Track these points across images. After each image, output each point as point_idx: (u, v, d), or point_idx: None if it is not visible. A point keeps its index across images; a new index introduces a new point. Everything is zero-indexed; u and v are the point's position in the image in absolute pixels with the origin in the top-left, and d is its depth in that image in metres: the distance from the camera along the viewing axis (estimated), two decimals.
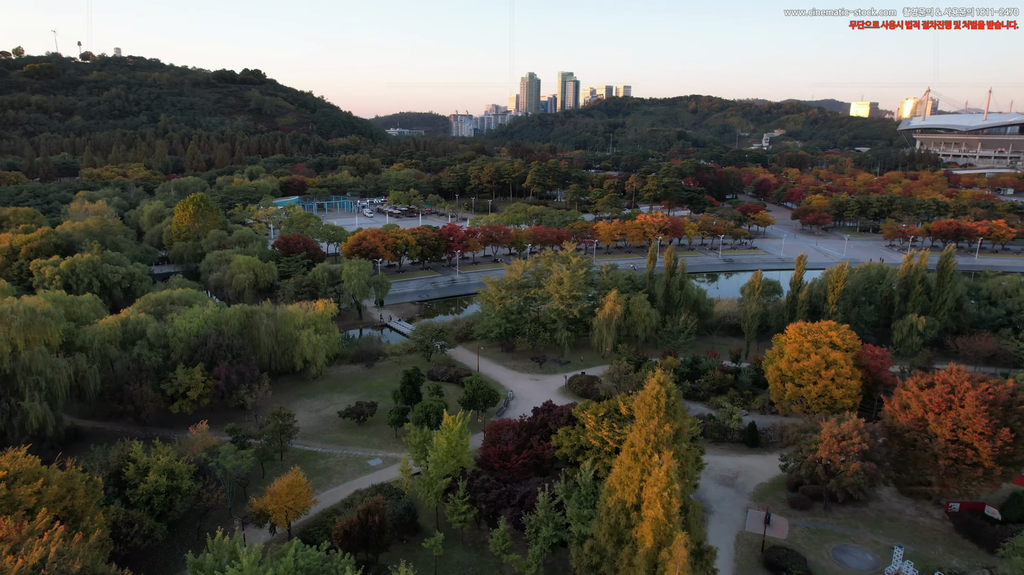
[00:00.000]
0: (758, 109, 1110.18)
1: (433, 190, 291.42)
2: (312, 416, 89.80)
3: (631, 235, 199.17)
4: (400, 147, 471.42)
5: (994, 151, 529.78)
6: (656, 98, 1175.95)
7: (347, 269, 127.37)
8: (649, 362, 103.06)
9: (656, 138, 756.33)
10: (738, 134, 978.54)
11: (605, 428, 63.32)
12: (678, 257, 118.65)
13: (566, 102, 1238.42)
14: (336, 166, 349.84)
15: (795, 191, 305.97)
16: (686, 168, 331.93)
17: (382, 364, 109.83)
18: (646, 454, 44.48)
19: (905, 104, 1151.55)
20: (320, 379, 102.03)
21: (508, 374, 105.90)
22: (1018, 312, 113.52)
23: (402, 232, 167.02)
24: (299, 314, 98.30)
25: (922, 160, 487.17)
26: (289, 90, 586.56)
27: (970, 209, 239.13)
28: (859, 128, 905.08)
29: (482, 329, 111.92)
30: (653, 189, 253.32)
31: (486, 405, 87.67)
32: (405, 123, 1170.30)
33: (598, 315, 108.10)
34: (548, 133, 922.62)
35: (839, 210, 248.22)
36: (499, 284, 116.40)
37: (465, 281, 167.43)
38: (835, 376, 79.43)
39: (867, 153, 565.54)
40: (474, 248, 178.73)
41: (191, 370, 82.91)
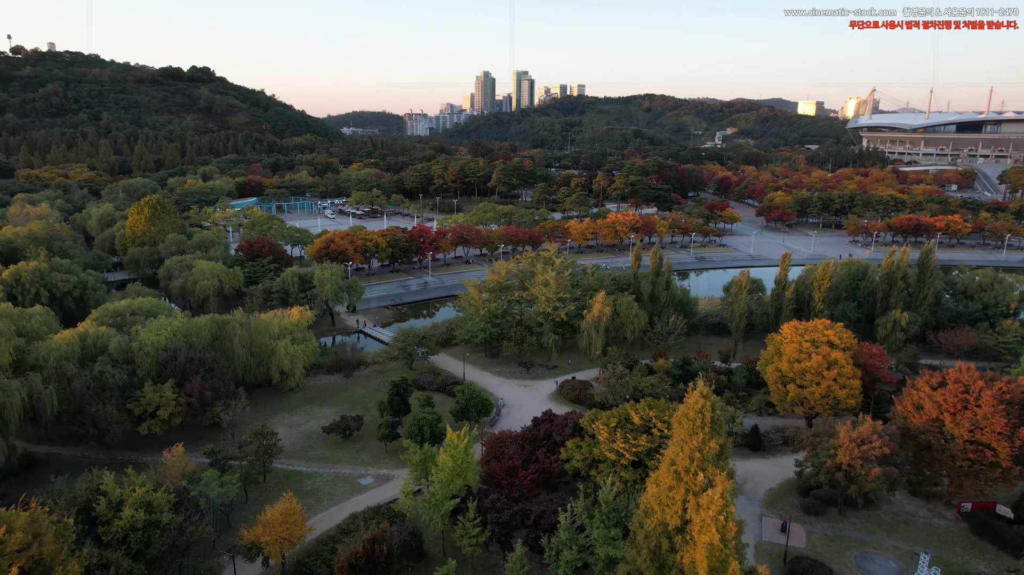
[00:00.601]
0: (710, 108, 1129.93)
1: (396, 190, 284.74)
2: (293, 432, 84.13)
3: (603, 234, 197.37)
4: (357, 146, 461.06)
5: (936, 148, 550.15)
6: (610, 97, 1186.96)
7: (319, 274, 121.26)
8: (640, 364, 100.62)
9: (613, 136, 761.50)
10: (691, 132, 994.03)
11: (620, 440, 60.07)
12: (663, 256, 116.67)
13: (521, 101, 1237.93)
14: (293, 166, 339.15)
15: (757, 188, 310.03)
16: (649, 166, 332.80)
17: (361, 373, 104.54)
18: (690, 473, 41.27)
19: (849, 103, 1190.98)
20: (297, 391, 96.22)
21: (495, 380, 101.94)
22: (993, 306, 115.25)
23: (371, 234, 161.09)
24: (274, 323, 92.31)
25: (871, 157, 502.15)
26: (240, 88, 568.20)
27: (925, 205, 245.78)
28: (808, 126, 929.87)
29: (466, 334, 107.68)
30: (621, 187, 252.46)
31: (479, 415, 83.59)
32: (358, 122, 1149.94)
33: (586, 318, 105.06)
34: (505, 132, 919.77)
35: (802, 207, 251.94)
36: (481, 287, 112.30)
37: (438, 283, 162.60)
38: (837, 376, 78.05)
39: (818, 151, 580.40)
40: (445, 249, 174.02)
41: (160, 387, 76.44)
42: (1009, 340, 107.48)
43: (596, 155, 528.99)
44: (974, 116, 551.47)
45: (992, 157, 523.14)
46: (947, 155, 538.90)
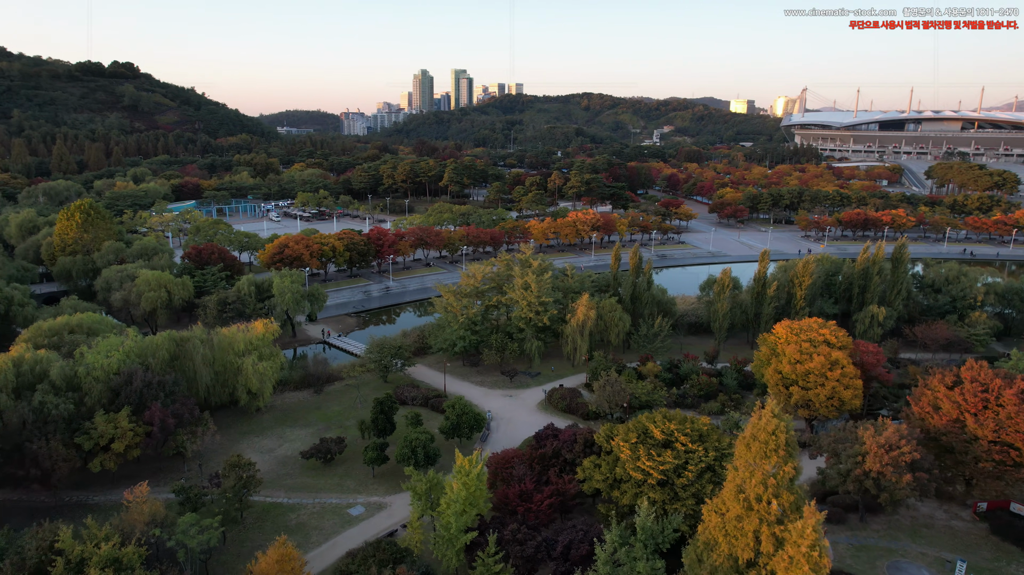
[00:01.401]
0: (647, 106, 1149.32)
1: (343, 191, 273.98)
2: (266, 458, 76.39)
3: (564, 233, 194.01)
4: (297, 146, 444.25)
5: (864, 146, 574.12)
6: (549, 96, 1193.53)
7: (278, 282, 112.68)
8: (628, 369, 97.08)
9: (555, 135, 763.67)
10: (630, 130, 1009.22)
11: (645, 457, 55.73)
12: (643, 256, 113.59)
13: (460, 100, 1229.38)
14: (231, 167, 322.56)
15: (705, 185, 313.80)
16: (599, 164, 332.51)
17: (333, 388, 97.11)
18: (763, 501, 37.18)
19: (778, 102, 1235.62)
20: (265, 412, 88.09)
21: (478, 391, 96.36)
22: (961, 299, 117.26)
23: (327, 237, 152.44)
24: (239, 338, 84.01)
25: (805, 154, 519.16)
26: (168, 86, 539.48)
27: (869, 200, 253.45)
28: (741, 124, 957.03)
29: (443, 342, 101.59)
30: (577, 186, 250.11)
31: (471, 431, 78.02)
32: (293, 121, 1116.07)
33: (570, 322, 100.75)
34: (445, 131, 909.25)
35: (753, 203, 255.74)
36: (457, 292, 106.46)
37: (400, 288, 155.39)
38: (841, 377, 76.25)
39: (754, 148, 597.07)
40: (405, 252, 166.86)
41: (114, 416, 67.63)
42: (979, 332, 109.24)
43: (541, 153, 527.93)
44: (897, 115, 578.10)
45: (914, 154, 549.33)
46: (874, 152, 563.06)
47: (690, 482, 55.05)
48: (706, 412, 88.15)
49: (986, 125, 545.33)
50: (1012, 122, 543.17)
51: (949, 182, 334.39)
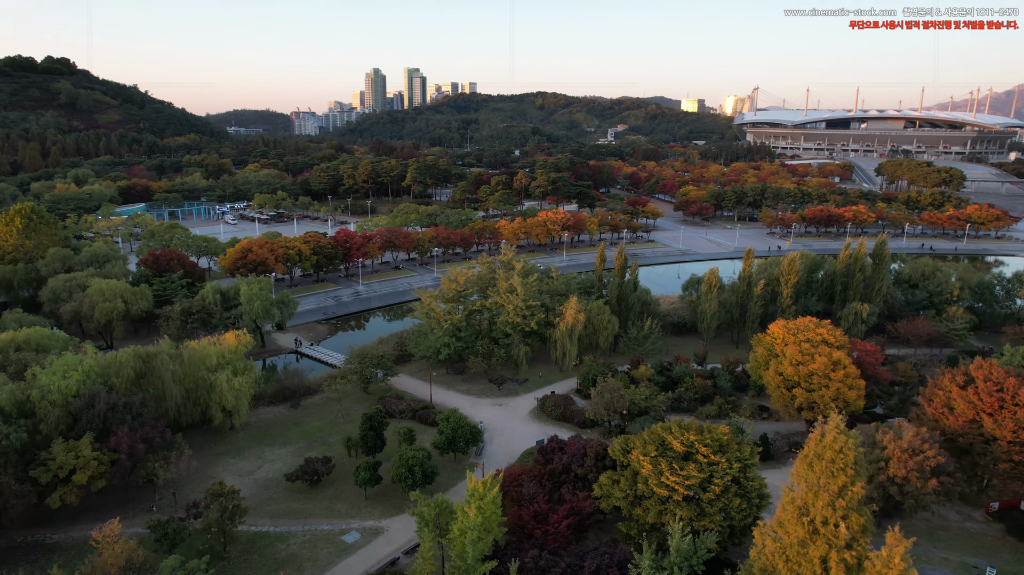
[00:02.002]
0: (600, 105, 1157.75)
1: (302, 192, 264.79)
2: (246, 482, 70.51)
3: (534, 233, 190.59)
4: (250, 146, 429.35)
5: (814, 143, 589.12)
6: (504, 95, 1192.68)
7: (245, 289, 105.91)
8: (620, 373, 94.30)
9: (512, 134, 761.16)
10: (585, 129, 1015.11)
11: (669, 472, 52.54)
12: (628, 256, 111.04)
13: (413, 99, 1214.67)
14: (181, 168, 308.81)
15: (667, 183, 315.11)
16: (561, 163, 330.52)
17: (311, 402, 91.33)
18: (829, 525, 34.22)
19: (727, 101, 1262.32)
20: (239, 430, 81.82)
21: (465, 401, 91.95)
22: (938, 294, 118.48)
23: (293, 241, 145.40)
24: (211, 352, 77.68)
25: (759, 152, 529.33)
26: (109, 83, 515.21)
27: (829, 196, 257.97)
28: (694, 123, 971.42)
29: (426, 350, 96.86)
30: (543, 185, 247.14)
31: (466, 446, 73.72)
32: (241, 121, 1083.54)
33: (559, 326, 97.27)
34: (400, 130, 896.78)
35: (718, 200, 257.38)
36: (439, 296, 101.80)
37: (371, 293, 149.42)
38: (844, 377, 74.84)
39: (708, 146, 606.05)
40: (373, 255, 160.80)
41: (75, 444, 61.02)
42: (958, 326, 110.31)
43: (499, 152, 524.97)
44: (844, 114, 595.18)
45: (861, 151, 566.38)
46: (824, 149, 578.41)
47: (716, 497, 52.18)
48: (703, 416, 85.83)
49: (925, 124, 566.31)
50: (948, 121, 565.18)
51: (899, 179, 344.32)
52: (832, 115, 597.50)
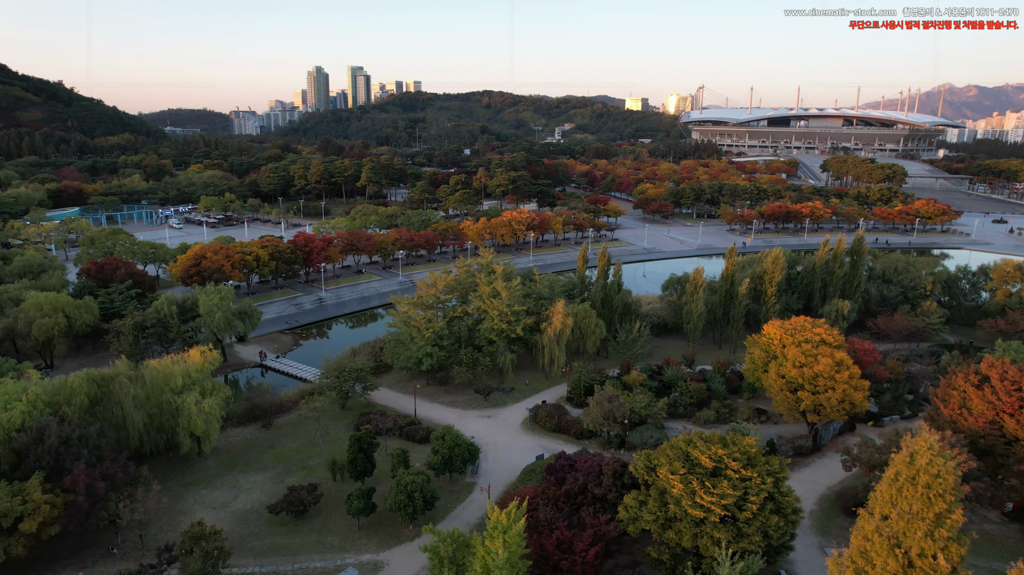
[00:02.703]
0: (547, 104, 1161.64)
1: (250, 193, 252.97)
2: (223, 515, 63.63)
3: (499, 233, 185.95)
4: (190, 146, 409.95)
5: (758, 141, 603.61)
6: (450, 93, 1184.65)
7: (204, 299, 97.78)
8: (611, 379, 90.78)
9: (460, 132, 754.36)
10: (532, 128, 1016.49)
11: (703, 491, 48.85)
12: (611, 257, 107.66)
13: (357, 98, 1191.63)
14: (116, 169, 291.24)
15: (624, 181, 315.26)
16: (517, 161, 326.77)
17: (284, 421, 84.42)
18: (927, 557, 30.90)
19: (670, 100, 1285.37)
20: (209, 456, 74.43)
21: (451, 414, 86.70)
22: (912, 289, 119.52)
23: (250, 246, 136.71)
24: (176, 372, 70.16)
25: (706, 149, 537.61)
26: (30, 79, 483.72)
27: (784, 192, 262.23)
28: (639, 121, 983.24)
29: (407, 360, 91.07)
30: (504, 184, 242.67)
31: (464, 465, 68.61)
32: (177, 121, 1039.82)
33: (546, 331, 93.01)
34: (345, 129, 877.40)
35: (676, 198, 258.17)
36: (418, 303, 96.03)
37: (335, 299, 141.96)
38: (850, 378, 73.02)
39: (657, 145, 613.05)
40: (335, 259, 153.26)
41: (21, 486, 53.32)
42: (934, 321, 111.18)
43: (450, 151, 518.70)
44: (786, 112, 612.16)
45: (803, 148, 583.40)
46: (768, 147, 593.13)
47: (754, 515, 48.79)
48: (701, 422, 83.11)
49: (861, 122, 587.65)
50: (881, 120, 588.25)
51: (845, 174, 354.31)
52: (775, 113, 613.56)
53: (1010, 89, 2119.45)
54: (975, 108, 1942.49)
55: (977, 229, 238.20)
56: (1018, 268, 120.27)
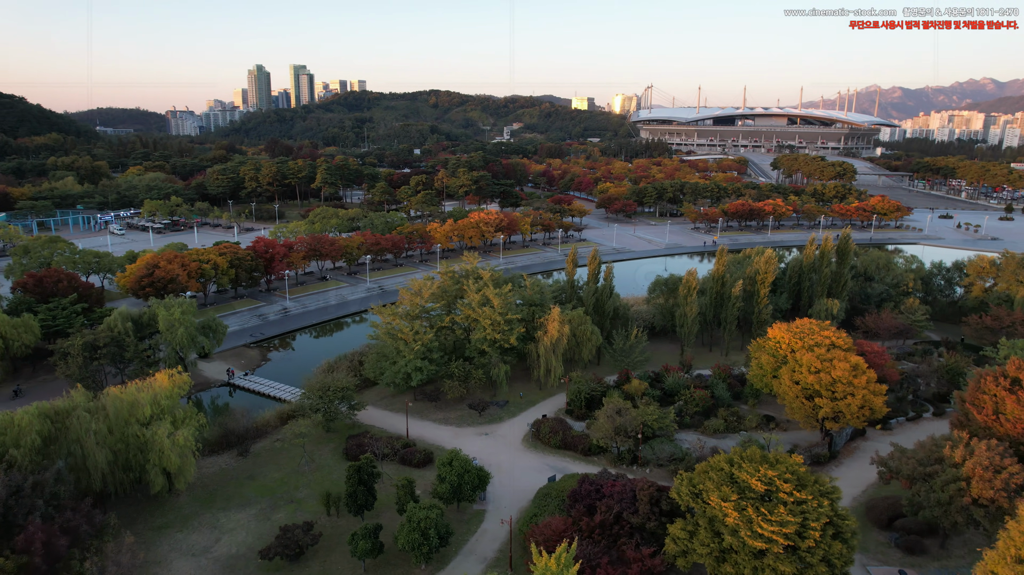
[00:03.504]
0: (495, 104, 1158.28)
1: (198, 196, 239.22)
2: (204, 564, 56.03)
3: (468, 235, 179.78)
4: (127, 147, 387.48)
5: (707, 139, 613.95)
6: (396, 93, 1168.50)
7: (164, 314, 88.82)
8: (612, 389, 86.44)
9: (410, 132, 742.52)
10: (480, 127, 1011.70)
11: (761, 520, 44.55)
12: (601, 260, 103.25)
13: (301, 97, 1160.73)
14: (46, 171, 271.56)
15: (583, 180, 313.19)
16: (475, 161, 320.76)
17: (263, 447, 76.71)
18: None
19: (615, 99, 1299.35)
20: (182, 493, 66.29)
21: (446, 432, 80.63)
22: (895, 286, 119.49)
23: (207, 253, 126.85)
24: (142, 400, 61.90)
25: (656, 148, 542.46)
26: None
27: (744, 190, 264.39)
28: (587, 121, 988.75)
29: (395, 376, 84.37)
30: (467, 184, 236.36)
31: (474, 492, 62.78)
32: (108, 120, 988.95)
33: (542, 340, 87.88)
34: (289, 130, 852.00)
35: (639, 197, 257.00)
36: (404, 314, 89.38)
37: (300, 308, 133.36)
38: (867, 383, 70.46)
39: (609, 143, 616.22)
40: (298, 265, 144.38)
41: None
42: (919, 318, 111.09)
43: (401, 151, 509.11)
44: (732, 111, 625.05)
45: (750, 147, 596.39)
46: (716, 145, 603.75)
47: (817, 543, 44.79)
48: (711, 432, 79.51)
49: (803, 121, 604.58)
50: (822, 118, 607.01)
51: (796, 172, 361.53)
52: (722, 112, 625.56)
53: (930, 91, 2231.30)
54: (900, 108, 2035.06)
55: (928, 225, 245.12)
56: (993, 263, 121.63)
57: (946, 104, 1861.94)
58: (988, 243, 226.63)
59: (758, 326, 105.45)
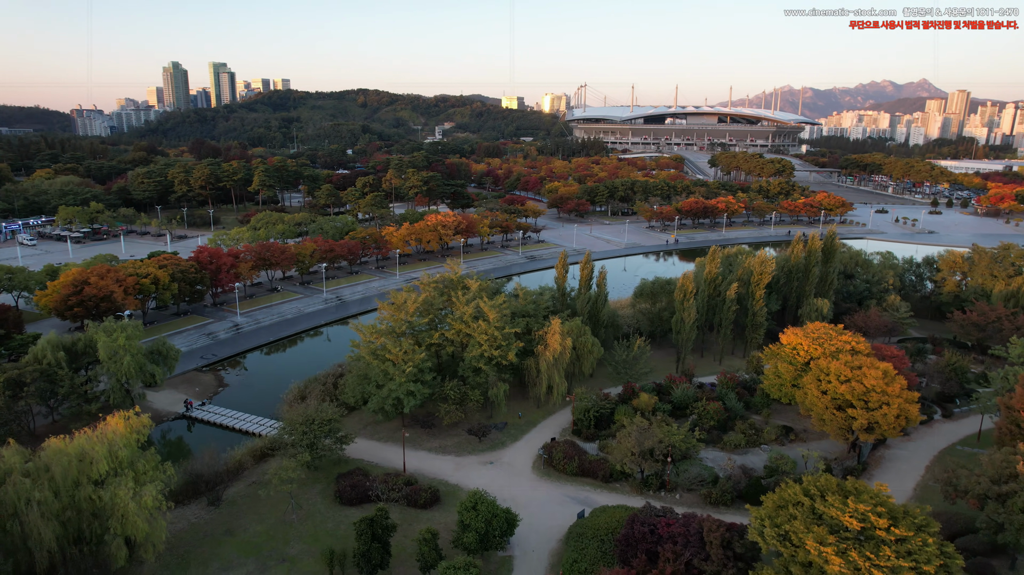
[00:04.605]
0: (425, 103, 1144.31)
1: (121, 202, 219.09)
2: None
3: (425, 239, 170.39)
4: (29, 148, 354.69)
5: (641, 138, 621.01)
6: (323, 92, 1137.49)
7: (106, 340, 76.34)
8: (621, 405, 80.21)
9: (340, 132, 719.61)
10: (412, 127, 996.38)
11: (872, 567, 38.81)
12: (594, 265, 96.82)
13: (222, 96, 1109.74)
14: None
15: (530, 180, 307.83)
16: (418, 161, 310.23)
17: (236, 493, 66.20)
18: None
19: (544, 99, 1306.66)
20: (147, 561, 55.26)
21: (447, 464, 72.19)
22: (876, 284, 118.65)
23: (145, 266, 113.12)
24: (95, 454, 50.69)
25: (594, 147, 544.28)
26: None
27: (694, 188, 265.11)
28: (519, 120, 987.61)
29: (381, 401, 75.04)
30: (417, 185, 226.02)
31: (502, 538, 54.84)
32: (3, 120, 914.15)
33: (542, 355, 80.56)
34: (211, 130, 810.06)
35: (591, 196, 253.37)
36: (385, 331, 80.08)
37: (253, 324, 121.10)
38: (902, 390, 66.75)
39: (546, 142, 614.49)
40: (247, 276, 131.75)
41: None
42: (903, 315, 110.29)
43: (335, 152, 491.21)
44: (665, 110, 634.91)
45: (683, 145, 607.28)
46: (650, 143, 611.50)
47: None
48: (731, 447, 74.41)
49: (733, 119, 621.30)
50: (751, 116, 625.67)
51: (735, 169, 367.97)
52: (655, 111, 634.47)
53: (837, 92, 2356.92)
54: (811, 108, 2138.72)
55: (870, 220, 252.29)
56: (965, 258, 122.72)
57: (852, 104, 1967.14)
58: (926, 236, 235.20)
59: (753, 330, 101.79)
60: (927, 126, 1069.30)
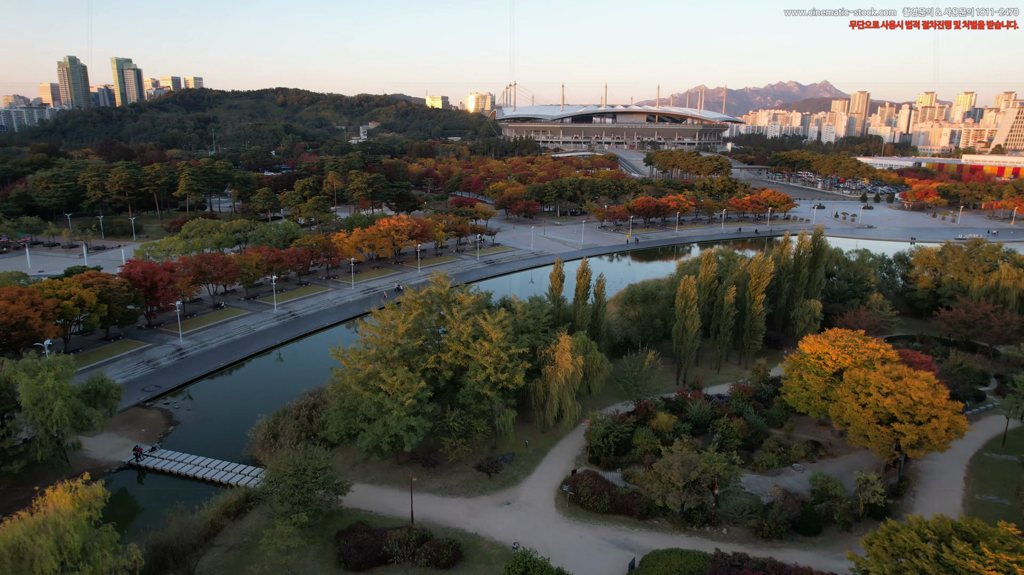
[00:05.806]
0: (348, 103, 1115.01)
1: (22, 210, 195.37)
2: None
3: (379, 245, 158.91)
4: None
5: (572, 137, 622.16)
6: (240, 91, 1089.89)
7: (30, 383, 62.82)
8: (640, 427, 73.35)
9: (262, 133, 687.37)
10: (335, 127, 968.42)
11: None
12: (591, 273, 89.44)
13: (127, 94, 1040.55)
14: None
15: (473, 180, 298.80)
16: (354, 161, 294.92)
17: (213, 562, 54.93)
18: None
19: (469, 98, 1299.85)
20: None
21: (459, 509, 63.02)
22: (858, 282, 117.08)
23: (67, 286, 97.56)
24: (37, 549, 39.00)
25: (526, 146, 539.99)
26: None
27: (640, 187, 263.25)
28: (447, 119, 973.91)
29: (376, 439, 64.91)
30: (362, 187, 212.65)
31: None
32: None
33: (552, 376, 72.53)
34: (118, 130, 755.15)
35: (539, 196, 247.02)
36: (373, 356, 70.02)
37: (199, 347, 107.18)
38: (948, 402, 62.70)
39: (477, 142, 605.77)
40: (187, 293, 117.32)
41: None
42: (889, 313, 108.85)
43: (259, 153, 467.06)
44: (595, 109, 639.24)
45: (613, 143, 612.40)
46: (582, 142, 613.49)
47: None
48: (763, 469, 68.72)
49: (661, 118, 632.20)
50: (676, 115, 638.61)
51: (672, 167, 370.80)
52: (586, 110, 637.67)
53: (749, 92, 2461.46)
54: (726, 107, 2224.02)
55: (813, 216, 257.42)
56: (938, 255, 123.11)
57: (763, 104, 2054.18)
58: (866, 231, 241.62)
59: (751, 335, 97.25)
60: (836, 125, 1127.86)
